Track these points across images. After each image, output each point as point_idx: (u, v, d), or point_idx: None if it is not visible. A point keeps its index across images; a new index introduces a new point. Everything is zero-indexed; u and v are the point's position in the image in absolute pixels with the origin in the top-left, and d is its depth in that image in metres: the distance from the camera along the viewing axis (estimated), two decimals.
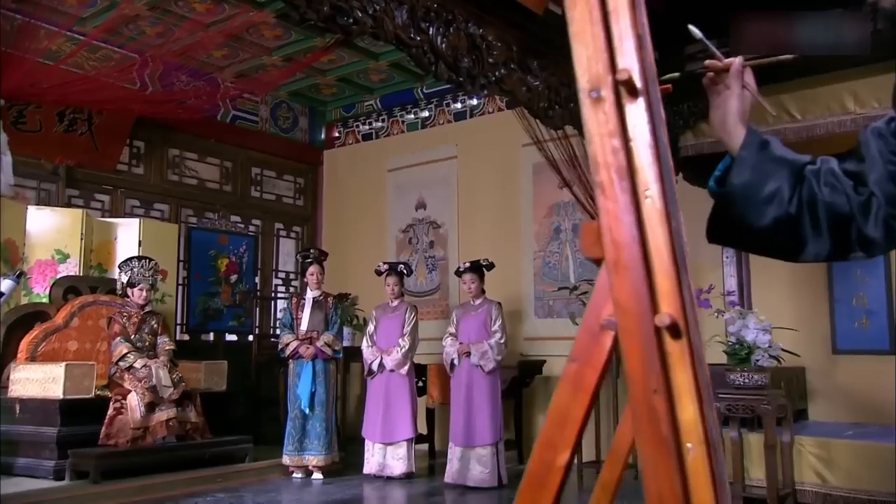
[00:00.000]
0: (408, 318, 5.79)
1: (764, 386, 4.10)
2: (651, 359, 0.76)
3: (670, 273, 0.79)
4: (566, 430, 0.79)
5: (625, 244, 0.79)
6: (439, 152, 7.80)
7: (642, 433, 0.77)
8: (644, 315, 0.77)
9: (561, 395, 0.81)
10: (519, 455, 6.32)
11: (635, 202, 0.80)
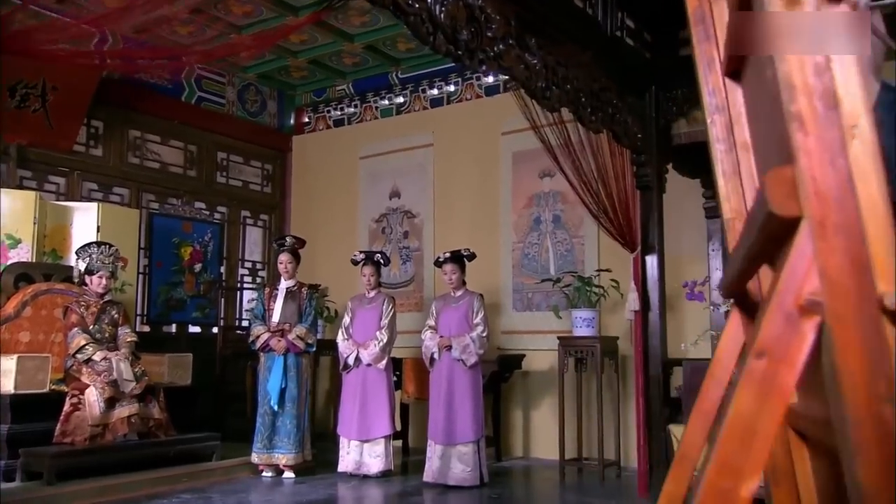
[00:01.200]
0: (385, 310, 5.54)
1: None
2: (878, 354, 0.55)
3: (888, 237, 0.58)
4: (753, 449, 0.58)
5: (835, 197, 0.58)
6: (414, 140, 7.55)
7: (865, 454, 0.56)
8: (865, 294, 0.56)
9: (743, 402, 0.59)
10: (497, 452, 6.13)
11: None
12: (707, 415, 1.29)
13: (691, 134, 4.68)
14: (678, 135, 4.71)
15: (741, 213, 1.31)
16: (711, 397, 1.29)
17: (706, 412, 1.29)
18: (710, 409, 1.29)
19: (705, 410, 1.29)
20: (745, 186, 1.30)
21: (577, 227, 6.38)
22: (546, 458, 6.12)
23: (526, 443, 6.42)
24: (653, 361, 4.54)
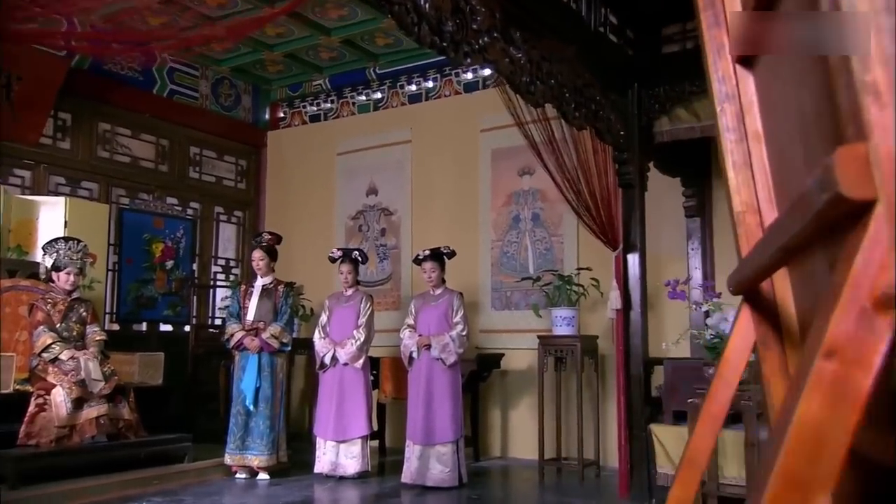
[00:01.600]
0: (363, 309, 5.45)
1: (744, 381, 3.94)
2: None
3: None
4: (823, 461, 0.51)
5: None
6: (392, 136, 7.45)
7: None
8: None
9: (811, 409, 0.52)
10: (475, 452, 6.07)
11: None
12: (716, 418, 1.23)
13: (673, 132, 4.65)
14: (660, 132, 4.68)
15: (752, 205, 1.25)
16: (720, 399, 1.23)
17: (715, 415, 1.23)
18: (718, 412, 1.23)
19: (714, 413, 1.23)
20: (756, 178, 1.25)
21: (557, 226, 6.34)
22: (524, 458, 6.08)
23: (504, 442, 6.37)
24: (634, 360, 4.50)
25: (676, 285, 4.26)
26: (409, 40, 7.17)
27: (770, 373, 1.22)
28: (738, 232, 1.25)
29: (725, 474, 4.18)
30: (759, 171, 1.25)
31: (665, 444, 4.38)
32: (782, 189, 1.22)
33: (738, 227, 1.26)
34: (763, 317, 1.22)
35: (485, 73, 7.00)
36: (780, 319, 1.22)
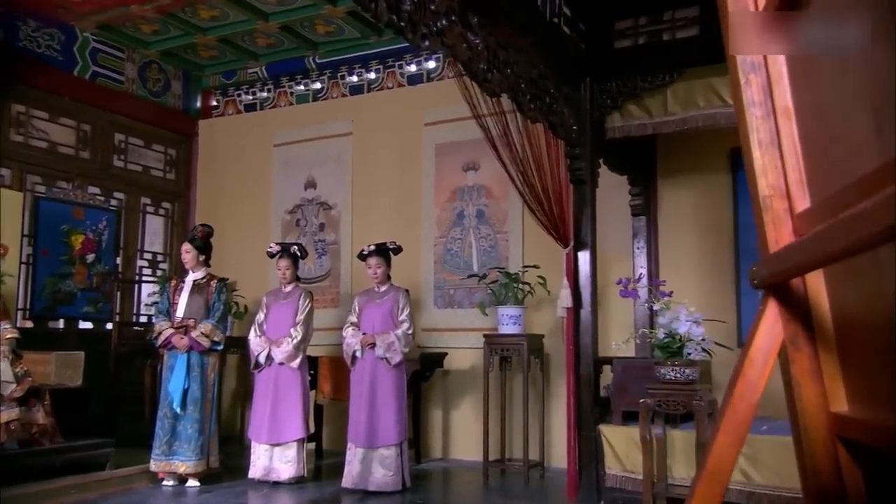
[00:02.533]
0: (302, 306, 5.20)
1: (695, 380, 3.91)
2: None
3: None
4: None
5: None
6: (332, 128, 7.20)
7: None
8: None
9: None
10: (417, 454, 5.89)
11: None
12: (739, 426, 1.10)
13: (625, 128, 4.59)
14: (612, 128, 4.61)
15: (780, 189, 1.12)
16: (744, 406, 1.10)
17: (738, 423, 1.10)
18: (742, 420, 1.10)
19: (737, 421, 1.10)
20: (785, 159, 1.12)
21: (502, 223, 6.23)
22: (466, 460, 5.95)
23: (445, 444, 6.22)
24: (584, 360, 4.42)
25: (628, 283, 4.19)
26: (351, 29, 6.95)
27: (800, 375, 1.10)
28: (765, 218, 1.13)
29: (674, 475, 4.14)
30: (790, 151, 1.13)
31: (614, 445, 4.32)
32: (818, 171, 1.10)
33: (764, 212, 1.13)
34: (793, 315, 1.09)
35: (429, 65, 6.83)
36: (812, 318, 1.10)
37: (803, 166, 1.11)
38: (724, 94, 4.27)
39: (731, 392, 1.11)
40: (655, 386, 3.94)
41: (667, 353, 3.92)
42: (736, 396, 1.10)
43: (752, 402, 1.09)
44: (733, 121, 4.27)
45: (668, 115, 4.44)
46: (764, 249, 1.12)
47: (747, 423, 1.10)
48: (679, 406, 3.86)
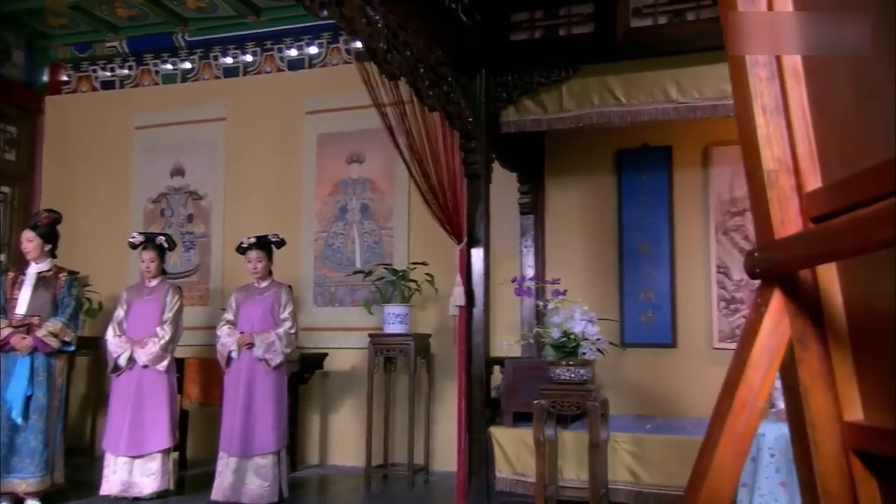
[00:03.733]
0: (169, 302, 4.72)
1: (588, 380, 3.86)
2: None
3: None
4: None
5: None
6: (203, 112, 6.67)
7: None
8: None
9: None
10: (292, 461, 5.53)
11: None
12: (742, 437, 0.94)
13: (520, 123, 4.49)
14: (507, 123, 4.50)
15: (787, 163, 0.97)
16: (748, 414, 0.94)
17: (741, 434, 0.94)
18: (746, 430, 0.94)
19: (740, 431, 0.94)
20: (793, 128, 0.98)
21: (387, 218, 5.99)
22: (346, 465, 5.66)
23: (323, 450, 5.89)
24: (476, 360, 4.27)
25: (523, 282, 4.08)
26: (225, 6, 6.46)
27: (808, 379, 0.95)
28: (770, 196, 0.97)
29: (565, 476, 4.08)
30: (798, 120, 0.98)
31: (505, 448, 4.20)
32: (834, 143, 0.96)
33: (768, 189, 0.98)
34: (800, 309, 0.95)
35: (311, 50, 6.48)
36: (822, 313, 0.96)
37: (814, 137, 0.97)
38: (618, 92, 4.27)
39: (732, 398, 0.95)
40: (550, 386, 3.85)
41: (561, 352, 3.84)
42: (738, 403, 0.94)
43: (756, 408, 0.94)
44: (626, 120, 4.32)
45: (563, 112, 4.38)
46: (766, 231, 0.98)
47: (751, 434, 0.95)
48: (573, 407, 3.79)
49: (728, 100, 4.04)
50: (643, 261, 5.28)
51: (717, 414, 0.97)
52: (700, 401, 4.97)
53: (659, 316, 5.20)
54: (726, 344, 5.01)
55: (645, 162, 5.32)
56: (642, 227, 5.28)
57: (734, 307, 5.02)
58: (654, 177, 5.30)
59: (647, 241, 5.27)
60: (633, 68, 4.24)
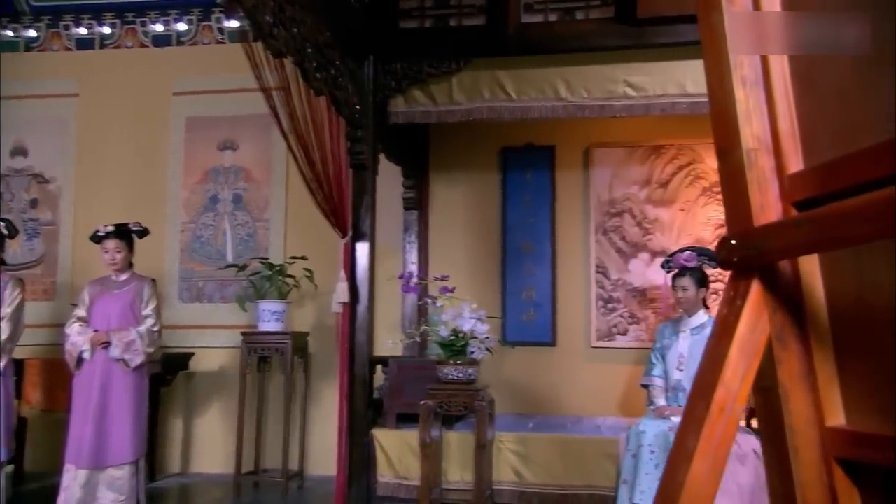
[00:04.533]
0: (8, 296, 4.16)
1: (476, 379, 3.77)
2: None
3: None
4: None
5: None
6: (51, 86, 6.02)
7: None
8: None
9: None
10: (151, 471, 5.07)
11: None
12: (720, 448, 0.83)
13: (408, 113, 4.34)
14: (395, 113, 4.33)
15: (766, 143, 0.88)
16: (725, 421, 0.83)
17: (719, 444, 0.83)
18: (724, 439, 0.83)
19: (717, 441, 0.83)
20: (776, 102, 0.88)
21: (262, 210, 5.65)
22: (212, 473, 5.28)
23: (186, 457, 5.46)
24: (359, 359, 4.07)
25: (410, 278, 3.94)
26: None
27: (788, 380, 0.86)
28: (749, 177, 0.87)
29: (449, 478, 3.97)
30: (781, 95, 0.89)
31: (387, 451, 4.04)
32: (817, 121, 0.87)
33: (747, 170, 0.87)
34: (779, 304, 0.85)
35: (179, 27, 6.01)
36: (804, 309, 0.87)
37: (796, 113, 0.89)
38: (508, 87, 4.21)
39: (708, 402, 0.84)
40: (437, 386, 3.73)
41: (450, 351, 3.73)
42: (716, 408, 0.83)
43: (735, 413, 0.84)
44: (516, 115, 4.27)
45: (453, 104, 4.28)
46: (743, 217, 0.88)
47: (730, 442, 0.84)
48: (461, 407, 3.69)
49: (615, 100, 4.10)
50: (526, 259, 5.28)
51: (689, 420, 0.86)
52: (578, 398, 5.05)
53: (540, 314, 5.22)
54: (604, 343, 5.11)
55: (529, 161, 5.33)
56: (525, 225, 5.29)
57: (611, 306, 5.12)
58: (537, 176, 5.31)
59: (530, 239, 5.28)
60: (523, 64, 4.21)
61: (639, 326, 5.06)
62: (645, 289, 5.08)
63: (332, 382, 5.18)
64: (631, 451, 3.62)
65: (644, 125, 5.10)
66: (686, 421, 0.87)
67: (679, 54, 4.03)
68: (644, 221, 5.13)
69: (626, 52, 4.08)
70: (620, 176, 5.20)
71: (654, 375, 3.96)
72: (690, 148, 5.10)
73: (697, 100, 4.00)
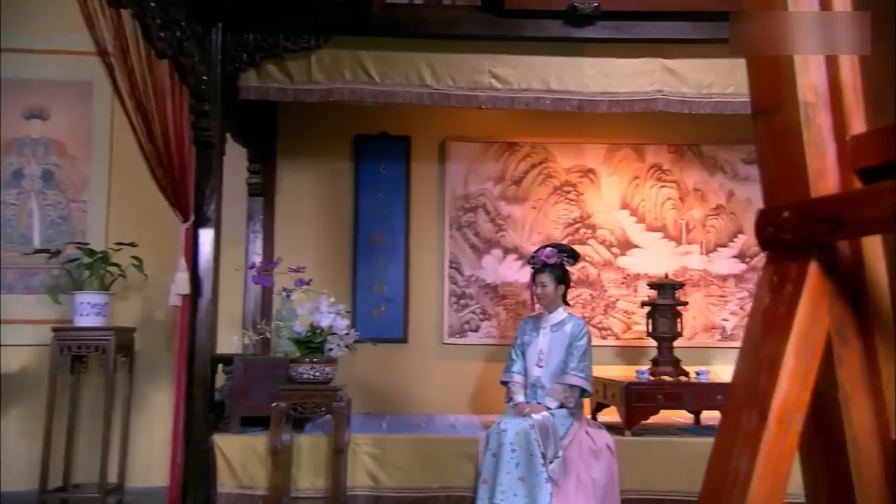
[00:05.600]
0: None
1: (333, 378, 3.50)
2: None
3: None
4: None
5: None
6: None
7: None
8: None
9: None
10: None
11: None
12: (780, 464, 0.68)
13: (262, 90, 3.96)
14: (246, 88, 3.93)
15: (825, 97, 0.73)
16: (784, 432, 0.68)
17: (777, 464, 0.67)
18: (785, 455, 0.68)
19: (777, 458, 0.67)
20: None
21: (79, 190, 4.95)
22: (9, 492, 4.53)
23: None
24: (200, 358, 3.64)
25: (262, 269, 3.58)
26: None
27: (849, 383, 0.72)
28: (806, 138, 0.73)
29: (299, 485, 3.66)
30: None
31: (229, 458, 3.65)
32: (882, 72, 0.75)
33: (804, 129, 0.73)
34: (839, 292, 0.72)
35: None
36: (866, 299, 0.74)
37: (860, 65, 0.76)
38: (371, 70, 3.98)
39: (762, 413, 0.68)
40: (290, 387, 3.42)
41: (305, 348, 3.43)
42: (774, 420, 0.68)
43: (796, 427, 0.69)
44: (380, 100, 4.04)
45: (311, 83, 3.96)
46: (797, 185, 0.73)
47: (790, 461, 0.70)
48: (319, 409, 3.40)
49: (481, 91, 4.00)
50: (378, 253, 5.07)
51: (735, 435, 0.70)
52: (430, 396, 4.93)
53: (391, 310, 5.03)
54: (455, 339, 5.02)
55: (383, 150, 5.12)
56: (379, 217, 5.07)
57: (464, 303, 5.05)
58: (392, 167, 5.12)
59: (383, 232, 5.07)
60: (388, 46, 3.99)
61: (490, 323, 5.03)
62: (497, 285, 5.05)
63: (161, 384, 4.68)
64: (491, 451, 3.54)
65: (499, 121, 5.08)
66: (729, 437, 0.72)
67: (544, 49, 4.03)
68: (498, 218, 5.11)
69: (492, 43, 4.00)
70: (475, 171, 5.14)
71: (513, 372, 3.91)
72: (543, 147, 5.15)
73: (561, 96, 4.01)
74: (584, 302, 5.00)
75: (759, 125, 0.80)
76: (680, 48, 4.01)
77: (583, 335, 3.80)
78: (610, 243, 5.10)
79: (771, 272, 0.75)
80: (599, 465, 3.64)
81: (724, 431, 0.73)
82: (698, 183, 5.16)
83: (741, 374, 0.74)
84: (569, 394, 3.71)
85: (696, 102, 4.02)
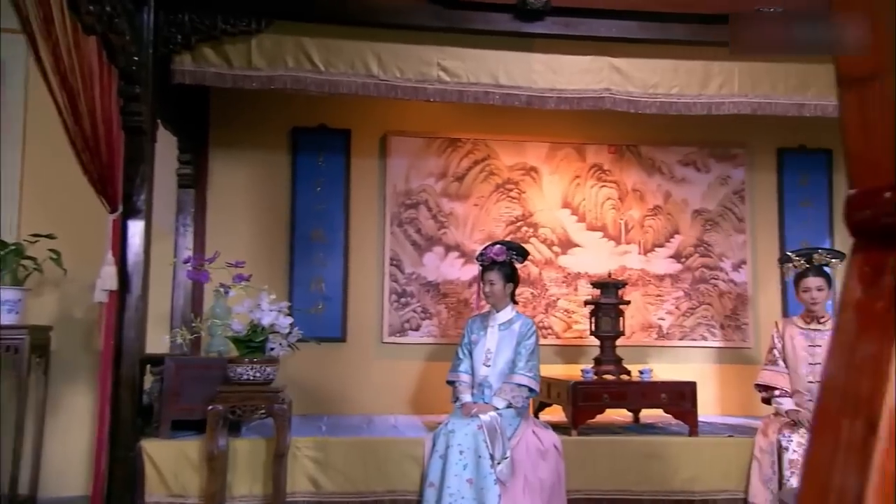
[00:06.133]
0: None
1: (274, 379, 3.32)
2: None
3: None
4: None
5: None
6: None
7: None
8: None
9: None
10: None
11: None
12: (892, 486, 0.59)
13: (198, 74, 3.73)
14: (181, 72, 3.69)
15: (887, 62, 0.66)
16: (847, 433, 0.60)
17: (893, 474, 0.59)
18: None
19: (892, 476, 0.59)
20: None
21: None
22: None
23: None
24: (127, 358, 3.38)
25: (197, 263, 3.36)
26: None
27: None
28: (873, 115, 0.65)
29: (234, 493, 3.47)
30: None
31: (159, 465, 3.42)
32: None
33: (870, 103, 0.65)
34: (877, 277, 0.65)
35: None
36: None
37: None
38: (315, 57, 3.82)
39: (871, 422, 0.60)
40: (228, 388, 3.22)
41: (245, 347, 3.24)
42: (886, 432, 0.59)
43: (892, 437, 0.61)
44: (325, 89, 3.87)
45: (251, 69, 3.76)
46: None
47: None
48: (259, 411, 3.22)
49: (429, 83, 3.90)
50: (316, 249, 4.89)
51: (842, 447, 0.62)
52: (369, 396, 4.79)
53: (330, 308, 4.86)
54: (395, 338, 4.90)
55: (322, 144, 4.95)
56: (317, 212, 4.90)
57: (404, 301, 4.93)
58: (331, 160, 4.95)
59: (322, 228, 4.90)
60: (333, 34, 3.84)
61: (432, 322, 4.93)
62: (439, 283, 4.96)
63: (79, 387, 4.37)
64: (438, 452, 3.44)
65: (441, 116, 4.99)
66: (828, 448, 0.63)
67: (493, 44, 3.96)
68: (439, 215, 5.02)
69: (441, 35, 3.91)
70: (417, 167, 5.03)
71: (460, 371, 3.83)
72: (485, 143, 5.10)
73: (510, 91, 3.96)
74: (525, 301, 4.97)
75: (848, 96, 0.72)
76: (626, 47, 4.02)
77: (531, 334, 3.75)
78: (551, 242, 5.09)
79: (861, 262, 0.68)
80: (547, 466, 3.60)
81: (821, 441, 0.65)
82: (637, 183, 5.21)
83: (834, 375, 0.66)
84: (517, 393, 3.65)
85: (642, 102, 4.03)
